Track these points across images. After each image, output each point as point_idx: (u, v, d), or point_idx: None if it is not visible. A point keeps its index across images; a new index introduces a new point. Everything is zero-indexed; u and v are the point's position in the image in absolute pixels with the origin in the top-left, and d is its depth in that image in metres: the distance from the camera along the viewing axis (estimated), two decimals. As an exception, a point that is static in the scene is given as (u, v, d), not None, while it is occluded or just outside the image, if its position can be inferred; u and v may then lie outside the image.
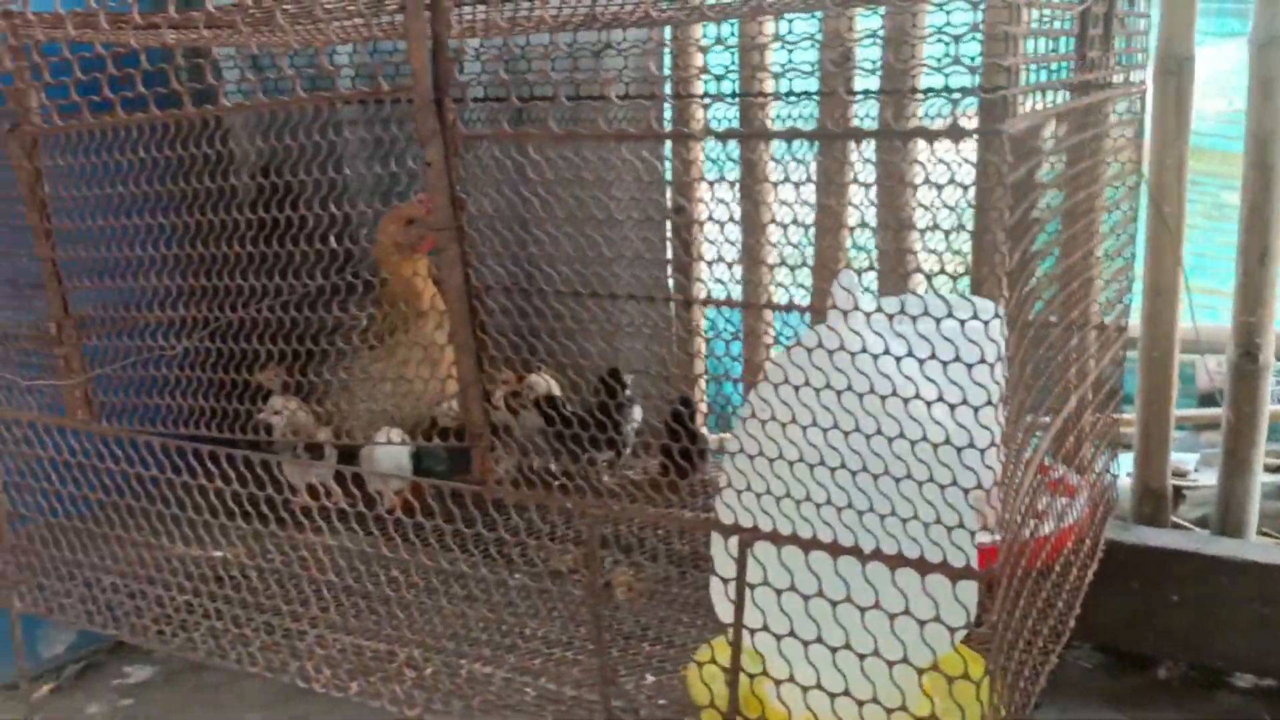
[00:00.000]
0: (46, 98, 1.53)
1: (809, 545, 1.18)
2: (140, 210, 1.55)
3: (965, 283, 2.25)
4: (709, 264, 2.36)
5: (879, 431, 1.16)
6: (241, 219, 1.48)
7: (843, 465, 1.19)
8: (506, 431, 2.30)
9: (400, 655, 1.64)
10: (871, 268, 2.27)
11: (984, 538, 1.22)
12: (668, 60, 2.45)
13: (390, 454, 2.16)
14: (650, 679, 1.59)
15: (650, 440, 2.33)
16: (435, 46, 1.24)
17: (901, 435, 1.15)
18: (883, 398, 1.13)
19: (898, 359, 1.12)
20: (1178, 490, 2.28)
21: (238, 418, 1.72)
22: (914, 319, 1.14)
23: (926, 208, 2.13)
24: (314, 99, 1.27)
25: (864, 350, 1.15)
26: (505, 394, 2.49)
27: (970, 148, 2.18)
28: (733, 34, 2.38)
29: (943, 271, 2.12)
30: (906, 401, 1.14)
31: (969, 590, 1.22)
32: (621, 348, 2.31)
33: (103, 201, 1.55)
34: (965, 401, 1.10)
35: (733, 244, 2.41)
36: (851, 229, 2.34)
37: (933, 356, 1.12)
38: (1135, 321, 2.13)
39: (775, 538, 1.20)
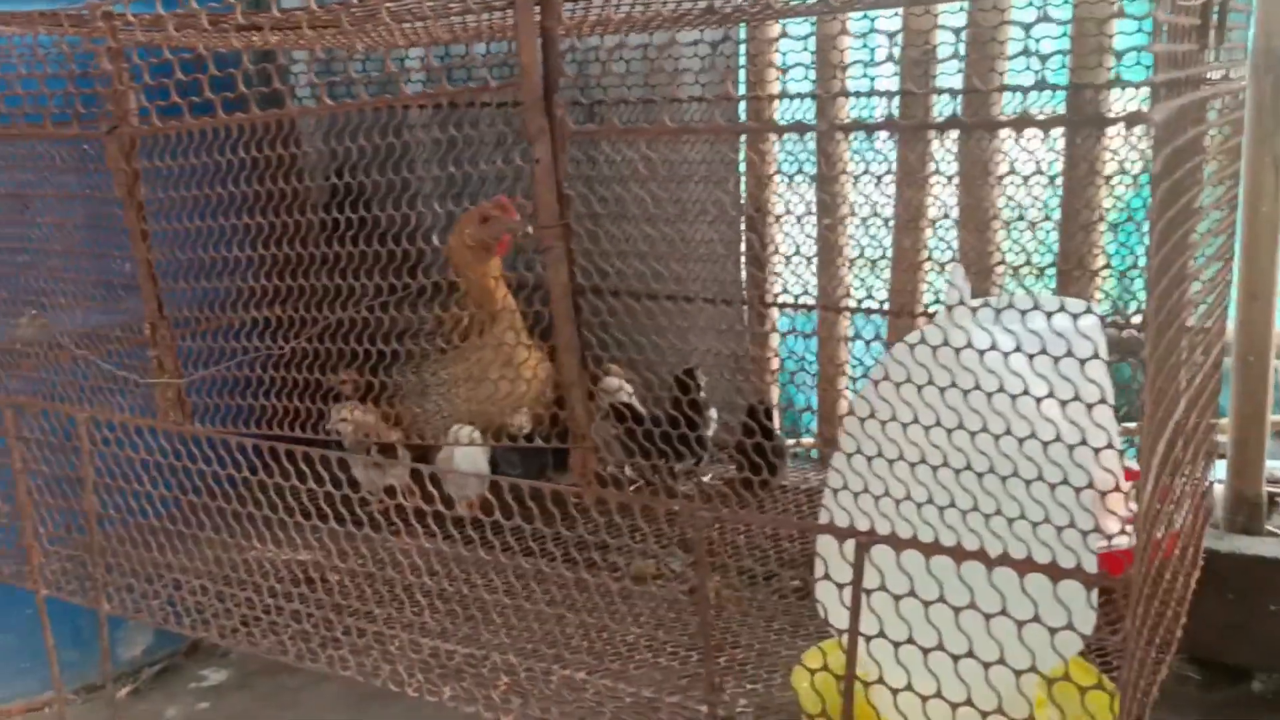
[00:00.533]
0: (144, 99, 1.54)
1: (931, 549, 1.15)
2: (229, 211, 1.55)
3: (1050, 279, 2.22)
4: (786, 259, 2.33)
5: (1007, 431, 1.13)
6: (315, 220, 1.48)
7: (961, 466, 1.15)
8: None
9: (492, 660, 1.62)
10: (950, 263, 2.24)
11: (1101, 542, 1.19)
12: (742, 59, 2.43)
13: (468, 455, 2.15)
14: (746, 687, 1.56)
15: (726, 440, 2.30)
16: (545, 42, 1.23)
17: (1013, 434, 1.12)
18: (1012, 397, 1.10)
19: (1028, 357, 1.08)
20: (1272, 498, 2.22)
21: (321, 418, 1.72)
22: (1022, 314, 1.11)
23: (1012, 200, 2.10)
24: (423, 98, 1.26)
25: (980, 348, 1.12)
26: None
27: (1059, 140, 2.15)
28: (810, 32, 2.35)
29: (1027, 264, 2.09)
30: (1015, 399, 1.11)
31: (1092, 596, 1.19)
32: (694, 348, 2.29)
33: (196, 203, 1.55)
34: (1079, 399, 1.07)
35: (810, 238, 2.39)
36: (932, 222, 2.30)
37: (1043, 353, 1.09)
38: (1229, 325, 2.08)
39: (896, 541, 1.17)
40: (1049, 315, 1.10)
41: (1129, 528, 1.14)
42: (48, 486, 1.91)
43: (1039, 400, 1.09)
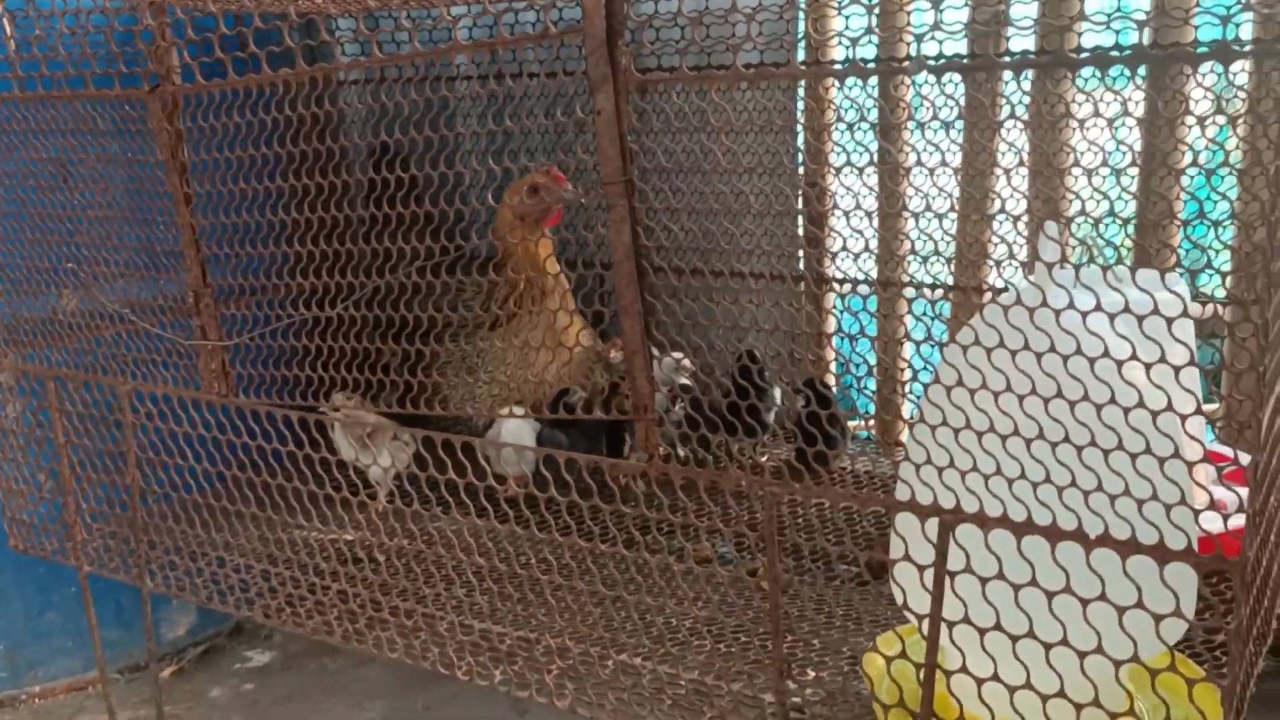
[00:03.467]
0: (188, 56, 1.48)
1: (1024, 529, 1.06)
2: (275, 174, 1.49)
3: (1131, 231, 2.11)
4: (844, 240, 2.24)
5: (1085, 398, 1.04)
6: (358, 181, 1.42)
7: (1058, 438, 1.07)
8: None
9: (544, 643, 1.55)
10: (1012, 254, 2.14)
11: (1216, 523, 1.10)
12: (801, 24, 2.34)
13: (515, 432, 2.08)
14: (813, 675, 1.48)
15: (785, 421, 2.22)
16: (608, -15, 1.15)
17: (1117, 403, 1.03)
18: (1118, 363, 1.01)
19: (1136, 319, 0.99)
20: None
21: (370, 388, 1.67)
22: (1119, 282, 1.03)
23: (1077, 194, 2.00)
24: (476, 45, 1.19)
25: (1082, 310, 1.03)
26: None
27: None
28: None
29: (1111, 214, 1.98)
30: (1122, 364, 1.02)
31: (1192, 579, 1.10)
32: (750, 325, 2.21)
33: (241, 164, 1.49)
34: (1165, 360, 0.99)
35: (869, 215, 2.29)
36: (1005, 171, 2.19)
37: (1149, 314, 1.00)
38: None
39: (984, 520, 1.09)
40: (1173, 290, 1.01)
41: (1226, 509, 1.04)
42: (90, 461, 1.87)
43: (1149, 366, 1.00)
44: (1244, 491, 1.13)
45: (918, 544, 1.15)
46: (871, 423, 2.47)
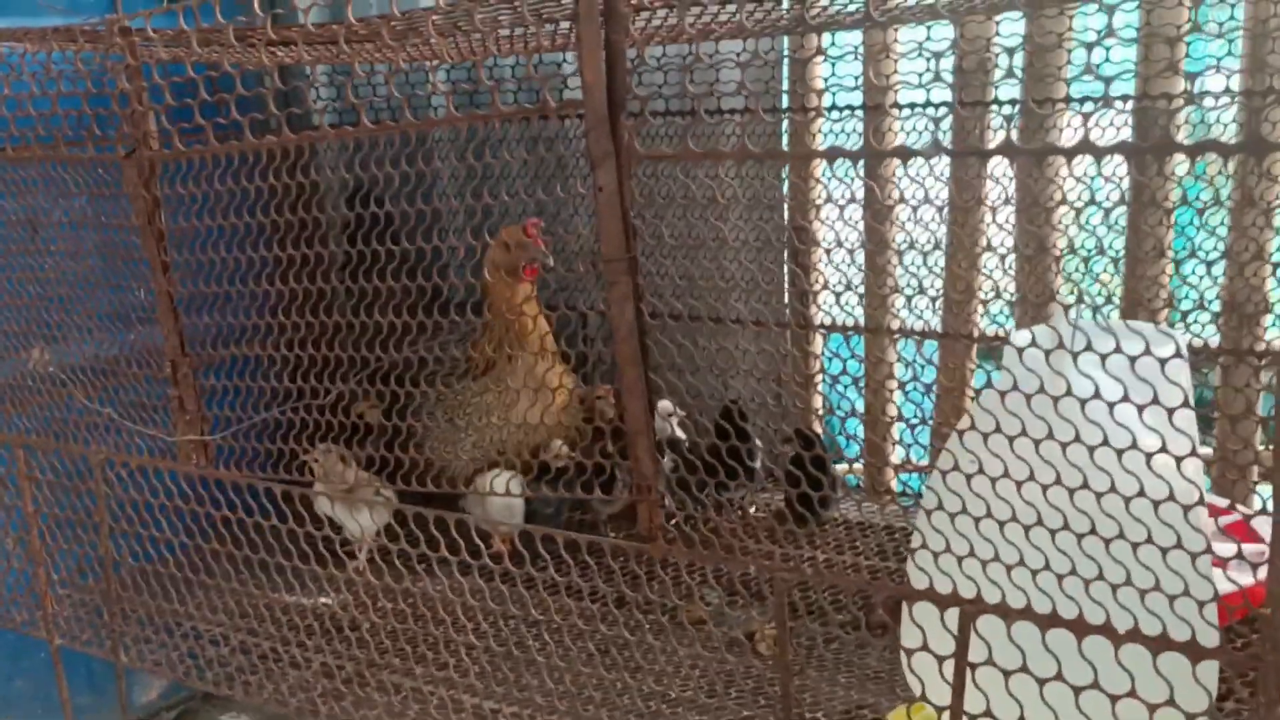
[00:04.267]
0: (166, 120, 1.42)
1: (1050, 622, 1.03)
2: (257, 242, 1.43)
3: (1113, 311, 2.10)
4: (832, 290, 2.22)
5: (1111, 487, 1.01)
6: (339, 252, 1.37)
7: (1084, 529, 1.04)
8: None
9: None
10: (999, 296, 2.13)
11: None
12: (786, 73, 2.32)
13: (505, 503, 2.03)
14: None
15: (776, 475, 2.19)
16: (610, 57, 1.11)
17: (1145, 495, 1.00)
18: (1118, 452, 0.98)
19: (1137, 408, 0.97)
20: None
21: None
22: (1103, 358, 1.00)
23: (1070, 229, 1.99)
24: (470, 118, 1.14)
25: (1081, 396, 1.00)
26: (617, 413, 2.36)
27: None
28: (859, 45, 2.24)
29: (1080, 300, 1.97)
30: (1122, 453, 0.99)
31: (1211, 671, 1.08)
32: (734, 380, 2.18)
33: (221, 232, 1.43)
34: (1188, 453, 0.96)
35: (857, 268, 2.27)
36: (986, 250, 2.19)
37: (1154, 402, 0.97)
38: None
39: (1006, 611, 1.05)
40: (1164, 359, 0.99)
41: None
42: (60, 529, 1.79)
43: (1180, 459, 0.97)
44: (1252, 548, 1.11)
45: (935, 633, 1.12)
46: (859, 468, 2.44)
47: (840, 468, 2.44)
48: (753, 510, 2.20)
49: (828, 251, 2.17)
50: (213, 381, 1.58)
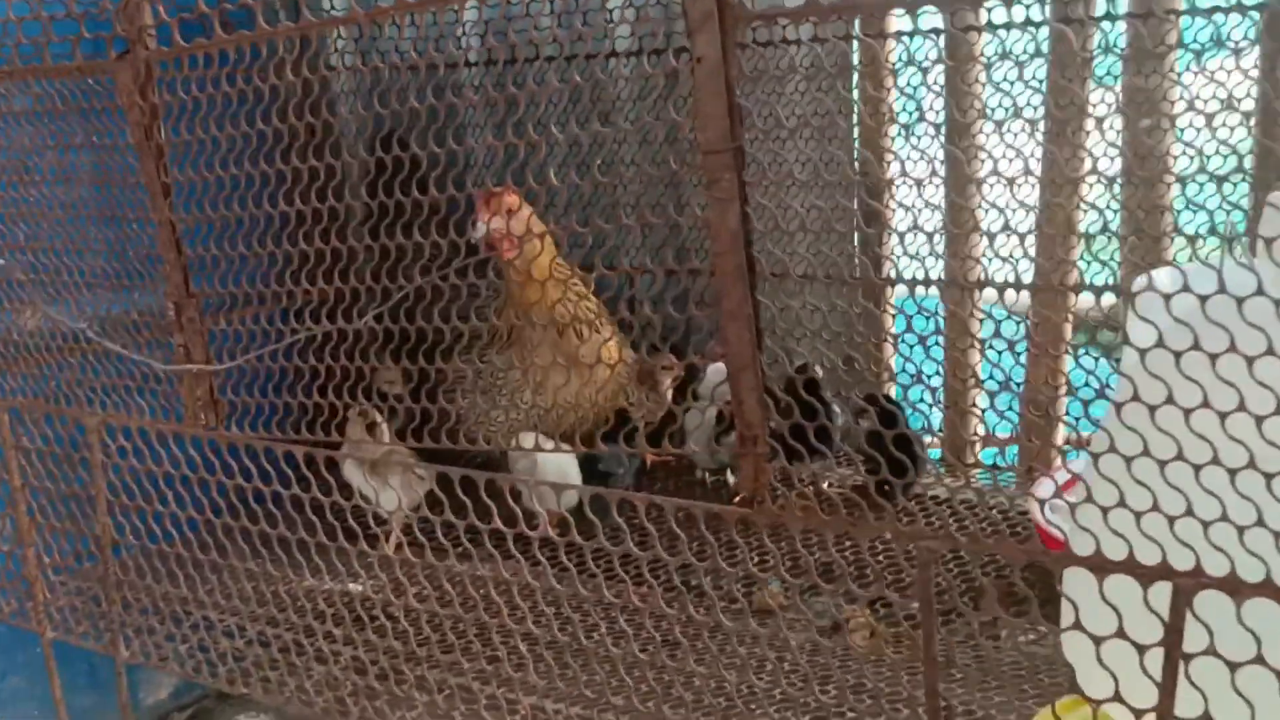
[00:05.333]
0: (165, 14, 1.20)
1: (1298, 597, 0.79)
2: (272, 155, 1.21)
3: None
4: (915, 231, 1.96)
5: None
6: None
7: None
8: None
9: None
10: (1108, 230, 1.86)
11: None
12: None
13: (555, 462, 1.80)
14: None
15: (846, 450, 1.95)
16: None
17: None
18: None
19: None
20: None
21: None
22: None
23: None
24: None
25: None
26: (671, 383, 2.12)
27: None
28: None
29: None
30: None
31: None
32: (799, 342, 1.94)
33: (230, 146, 1.21)
34: None
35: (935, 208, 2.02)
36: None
37: None
38: None
39: (1234, 586, 0.82)
40: None
41: None
42: (54, 506, 1.58)
43: None
44: None
45: (1093, 610, 0.89)
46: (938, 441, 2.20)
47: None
48: (826, 486, 1.96)
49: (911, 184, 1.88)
50: (226, 326, 1.35)
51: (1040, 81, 1.79)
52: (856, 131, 2.07)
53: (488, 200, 1.79)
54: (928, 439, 2.16)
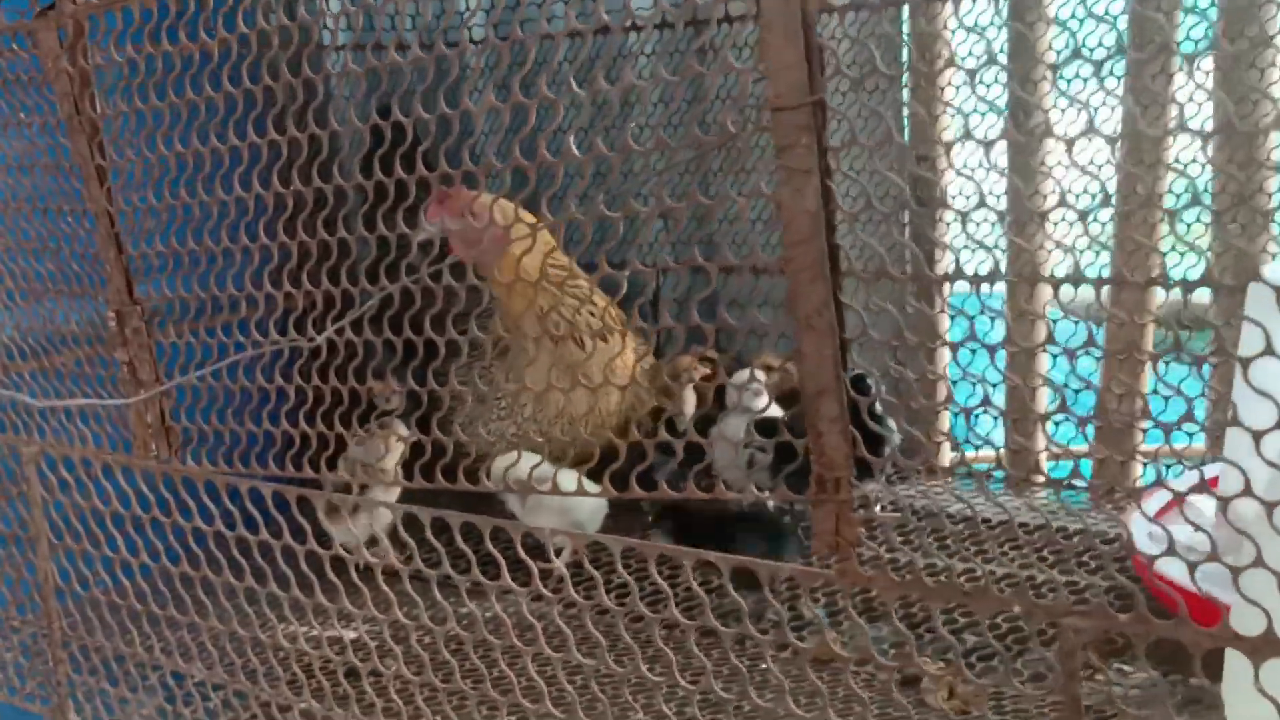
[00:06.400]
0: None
1: None
2: (231, 129, 0.99)
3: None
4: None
5: None
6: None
7: None
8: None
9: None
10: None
11: None
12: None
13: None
14: None
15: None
16: None
17: None
18: None
19: None
20: None
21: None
22: None
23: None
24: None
25: None
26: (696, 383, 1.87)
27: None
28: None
29: None
30: None
31: None
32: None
33: (177, 117, 0.99)
34: None
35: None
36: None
37: None
38: None
39: None
40: None
41: None
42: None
43: None
44: None
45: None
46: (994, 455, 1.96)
47: (970, 453, 1.96)
48: (878, 509, 1.74)
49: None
50: (179, 339, 1.13)
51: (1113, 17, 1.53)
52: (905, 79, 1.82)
53: (442, 199, 1.58)
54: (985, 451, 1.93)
